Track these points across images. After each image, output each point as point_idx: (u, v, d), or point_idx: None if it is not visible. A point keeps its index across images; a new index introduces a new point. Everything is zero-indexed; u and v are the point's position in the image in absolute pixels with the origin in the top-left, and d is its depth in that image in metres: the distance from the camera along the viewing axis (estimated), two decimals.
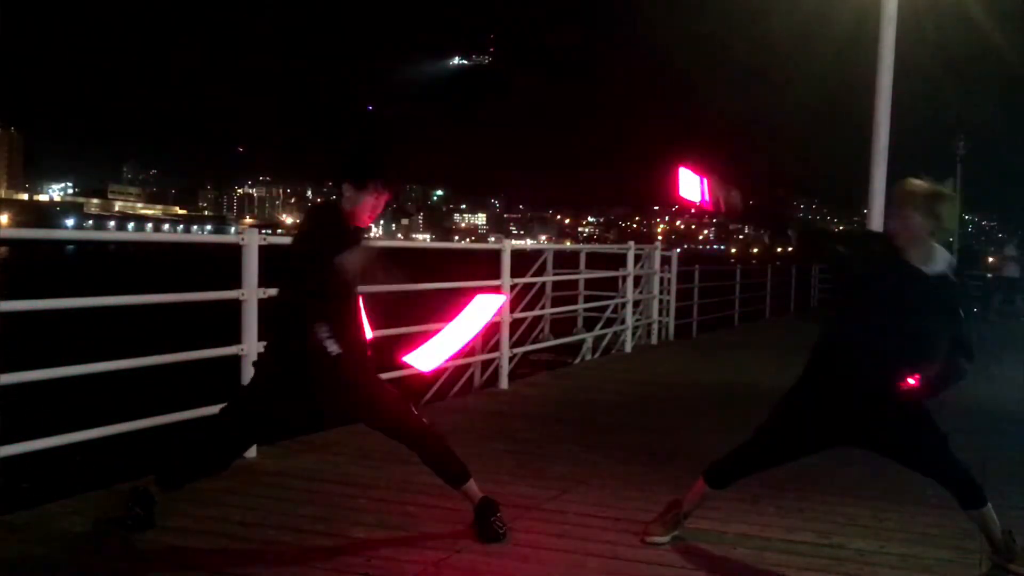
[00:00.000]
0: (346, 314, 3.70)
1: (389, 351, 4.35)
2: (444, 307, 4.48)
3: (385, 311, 4.76)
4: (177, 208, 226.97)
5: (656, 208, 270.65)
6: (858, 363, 3.51)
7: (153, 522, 3.77)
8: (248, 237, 5.10)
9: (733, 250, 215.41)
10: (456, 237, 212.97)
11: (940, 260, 3.48)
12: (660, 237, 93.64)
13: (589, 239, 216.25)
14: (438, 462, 3.94)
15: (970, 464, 3.77)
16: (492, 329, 8.67)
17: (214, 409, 5.04)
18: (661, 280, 12.78)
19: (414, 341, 3.94)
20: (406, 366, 3.95)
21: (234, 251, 5.12)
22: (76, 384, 4.78)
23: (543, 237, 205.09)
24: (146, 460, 4.90)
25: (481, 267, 8.44)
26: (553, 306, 10.90)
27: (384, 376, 4.14)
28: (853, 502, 4.61)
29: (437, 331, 3.89)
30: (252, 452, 5.01)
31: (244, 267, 5.09)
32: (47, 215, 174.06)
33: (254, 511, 4.17)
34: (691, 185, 3.65)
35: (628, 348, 11.27)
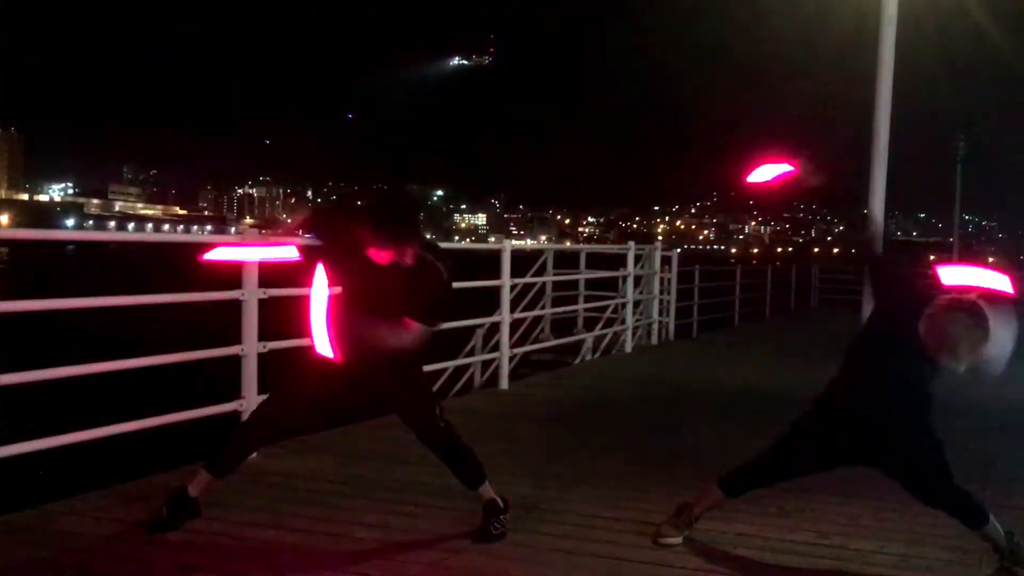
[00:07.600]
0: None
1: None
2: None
3: None
4: (177, 208, 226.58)
5: (656, 208, 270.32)
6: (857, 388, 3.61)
7: (177, 525, 3.80)
8: (248, 237, 5.10)
9: (733, 250, 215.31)
10: (456, 237, 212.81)
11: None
12: (660, 237, 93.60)
13: (589, 239, 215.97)
14: (456, 464, 3.95)
15: (973, 486, 3.79)
16: (492, 329, 8.68)
17: (214, 410, 5.11)
18: (661, 280, 12.79)
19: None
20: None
21: None
22: (77, 384, 4.79)
23: (543, 237, 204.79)
24: (146, 460, 4.93)
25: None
26: (553, 306, 10.91)
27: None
28: (853, 502, 4.61)
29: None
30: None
31: (244, 267, 5.08)
32: (47, 215, 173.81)
33: (254, 511, 4.16)
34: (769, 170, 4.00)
35: (628, 348, 11.27)
